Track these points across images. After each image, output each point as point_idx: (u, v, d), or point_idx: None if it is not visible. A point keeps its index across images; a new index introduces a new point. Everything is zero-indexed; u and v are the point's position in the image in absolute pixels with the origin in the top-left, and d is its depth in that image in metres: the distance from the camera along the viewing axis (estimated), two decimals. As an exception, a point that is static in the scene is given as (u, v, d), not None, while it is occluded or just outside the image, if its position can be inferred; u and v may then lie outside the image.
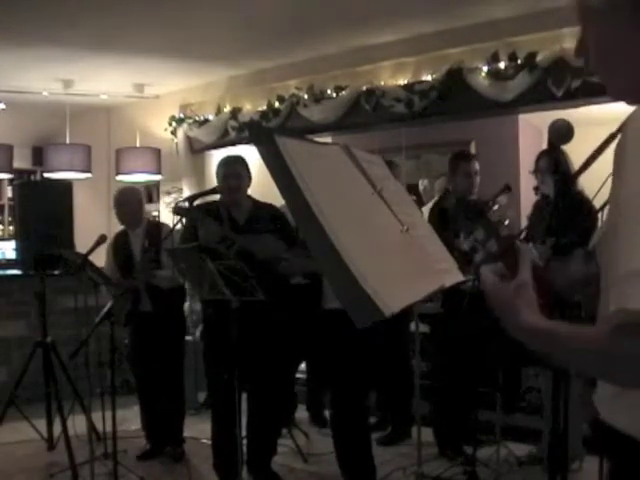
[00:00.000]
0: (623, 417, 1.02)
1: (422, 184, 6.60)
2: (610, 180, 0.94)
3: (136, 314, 4.22)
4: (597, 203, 3.14)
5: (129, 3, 4.90)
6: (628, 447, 1.00)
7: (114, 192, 4.71)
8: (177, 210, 3.46)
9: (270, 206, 3.78)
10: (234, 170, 3.70)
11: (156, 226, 4.54)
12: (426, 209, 5.09)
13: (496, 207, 1.04)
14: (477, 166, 4.49)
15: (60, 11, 4.99)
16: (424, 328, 4.71)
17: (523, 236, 3.88)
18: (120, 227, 4.56)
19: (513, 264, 1.09)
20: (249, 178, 3.76)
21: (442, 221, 4.19)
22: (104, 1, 4.87)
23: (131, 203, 4.44)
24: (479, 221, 1.12)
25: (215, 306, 3.53)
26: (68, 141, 7.41)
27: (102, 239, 4.05)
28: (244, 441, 3.77)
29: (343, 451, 3.49)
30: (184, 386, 4.52)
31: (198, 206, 3.76)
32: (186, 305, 4.92)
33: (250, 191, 3.88)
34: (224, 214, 3.63)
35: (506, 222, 1.07)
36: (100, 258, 4.33)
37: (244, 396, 3.76)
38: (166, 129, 7.27)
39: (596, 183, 2.97)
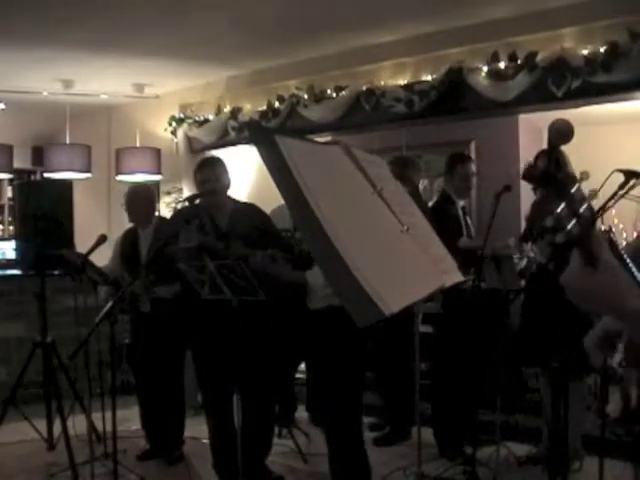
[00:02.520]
0: None
1: (422, 184, 6.60)
2: (609, 180, 0.91)
3: (137, 314, 4.21)
4: (596, 204, 3.15)
5: (129, 3, 4.91)
6: None
7: (112, 191, 4.70)
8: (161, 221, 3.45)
9: (251, 206, 3.77)
10: (211, 173, 3.67)
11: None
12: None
13: (576, 186, 1.00)
14: (474, 168, 4.49)
15: (60, 11, 4.99)
16: (424, 328, 4.71)
17: (521, 236, 3.88)
18: (123, 226, 4.54)
19: (588, 250, 1.04)
20: (228, 180, 3.74)
21: (444, 222, 4.20)
22: (104, 1, 4.87)
23: (141, 201, 4.37)
24: (564, 196, 1.09)
25: (206, 308, 3.51)
26: (68, 141, 7.41)
27: (102, 239, 4.04)
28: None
29: (336, 454, 3.47)
30: (184, 387, 4.50)
31: (180, 211, 3.75)
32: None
33: (250, 191, 3.88)
34: (206, 218, 3.61)
35: (585, 203, 1.02)
36: (100, 258, 4.33)
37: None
38: (166, 129, 7.27)
39: (595, 183, 2.97)
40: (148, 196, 4.47)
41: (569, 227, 1.06)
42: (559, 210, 1.08)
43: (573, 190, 1.08)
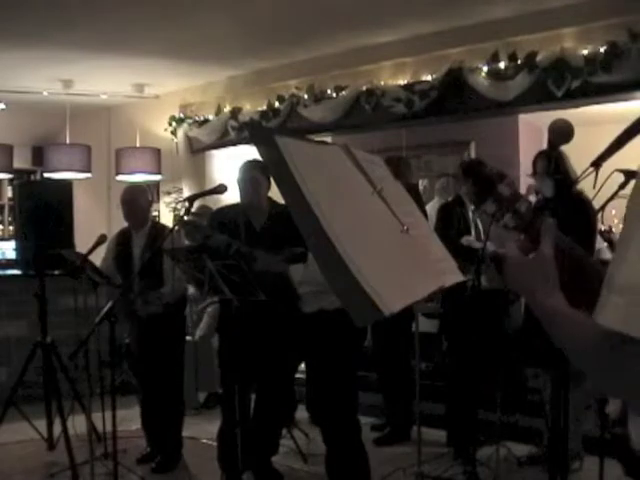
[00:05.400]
0: None
1: (422, 184, 6.61)
2: (609, 180, 0.93)
3: (136, 316, 4.20)
4: (597, 203, 3.14)
5: (129, 4, 4.91)
6: None
7: (112, 191, 4.69)
8: (186, 226, 3.45)
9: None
10: (250, 174, 3.70)
11: (160, 230, 4.33)
12: (427, 208, 5.09)
13: (506, 181, 1.01)
14: None
15: (60, 12, 4.99)
16: (424, 328, 4.72)
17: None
18: (123, 226, 4.52)
19: (536, 239, 1.07)
20: (267, 182, 3.74)
21: (448, 221, 4.22)
22: (104, 2, 4.87)
23: (137, 202, 4.31)
24: (489, 193, 1.10)
25: (230, 305, 3.53)
26: (68, 141, 7.41)
27: (102, 239, 4.03)
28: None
29: (335, 454, 3.48)
30: (182, 390, 4.46)
31: (219, 212, 3.83)
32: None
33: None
34: (241, 219, 3.64)
35: (522, 198, 1.04)
36: (100, 258, 4.32)
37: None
38: (166, 129, 7.27)
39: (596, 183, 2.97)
40: (144, 197, 4.39)
41: (504, 221, 1.09)
42: (484, 207, 1.10)
43: (501, 187, 1.10)
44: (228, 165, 6.93)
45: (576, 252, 1.10)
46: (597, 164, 1.37)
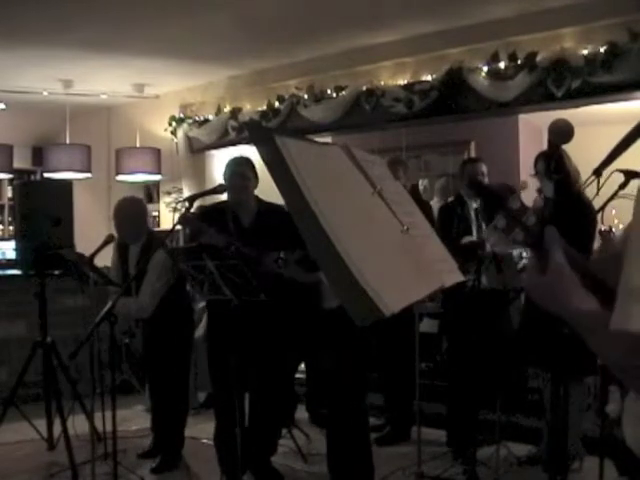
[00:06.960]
0: None
1: (422, 184, 6.61)
2: (609, 180, 0.92)
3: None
4: (597, 204, 3.15)
5: (129, 3, 4.91)
6: None
7: (112, 191, 4.66)
8: (181, 220, 3.45)
9: (277, 207, 3.75)
10: (239, 170, 3.71)
11: (155, 241, 4.14)
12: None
13: (514, 196, 1.01)
14: (484, 168, 4.49)
15: (60, 11, 4.99)
16: (424, 328, 4.72)
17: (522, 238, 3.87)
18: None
19: (540, 252, 1.05)
20: (256, 179, 3.75)
21: (448, 221, 4.22)
22: (104, 2, 4.87)
23: (129, 217, 4.20)
24: (499, 208, 1.09)
25: (219, 305, 3.53)
26: (68, 141, 7.41)
27: (109, 239, 3.97)
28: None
29: (341, 452, 3.48)
30: (187, 391, 4.43)
31: (205, 210, 3.79)
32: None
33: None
34: (229, 216, 3.63)
35: (528, 211, 1.03)
36: (102, 258, 4.32)
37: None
38: (166, 129, 7.27)
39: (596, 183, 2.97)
40: (137, 211, 4.29)
41: (513, 235, 1.08)
42: (495, 222, 1.09)
43: (511, 201, 1.09)
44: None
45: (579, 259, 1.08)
46: (598, 172, 1.35)
